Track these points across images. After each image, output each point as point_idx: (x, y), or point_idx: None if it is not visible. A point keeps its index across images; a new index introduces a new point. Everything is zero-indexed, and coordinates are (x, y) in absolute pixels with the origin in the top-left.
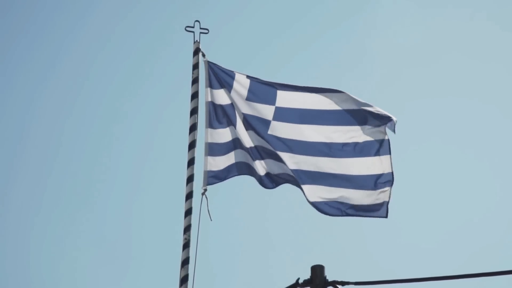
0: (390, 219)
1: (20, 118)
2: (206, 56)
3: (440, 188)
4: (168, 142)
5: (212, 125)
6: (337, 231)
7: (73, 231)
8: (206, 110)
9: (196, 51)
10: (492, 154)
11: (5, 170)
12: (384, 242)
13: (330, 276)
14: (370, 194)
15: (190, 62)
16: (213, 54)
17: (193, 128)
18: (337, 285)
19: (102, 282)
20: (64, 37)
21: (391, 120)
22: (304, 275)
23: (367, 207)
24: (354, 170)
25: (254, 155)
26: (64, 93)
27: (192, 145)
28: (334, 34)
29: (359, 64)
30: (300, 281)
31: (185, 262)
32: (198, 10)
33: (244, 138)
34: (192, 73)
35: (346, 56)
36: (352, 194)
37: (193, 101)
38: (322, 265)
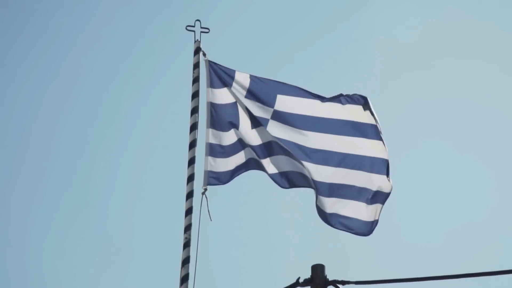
0: (390, 219)
1: (20, 118)
2: (206, 55)
3: (440, 188)
4: (168, 142)
5: (213, 125)
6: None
7: (73, 231)
8: (207, 110)
9: (196, 51)
10: (492, 154)
11: (5, 170)
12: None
13: (330, 275)
14: (365, 209)
15: (191, 61)
16: (213, 54)
17: (193, 127)
18: (337, 284)
19: (103, 281)
20: (64, 36)
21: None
22: (304, 274)
23: (356, 221)
24: (348, 181)
25: (262, 153)
26: (64, 93)
27: (192, 144)
28: (334, 34)
29: (359, 64)
30: (300, 280)
31: (185, 261)
32: (199, 9)
33: (248, 137)
34: (192, 72)
35: (346, 56)
36: (347, 204)
37: (193, 100)
38: (323, 264)
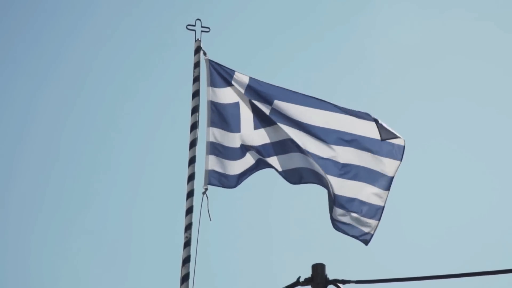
0: (391, 218)
1: (20, 118)
2: (207, 54)
3: (441, 187)
4: (169, 141)
5: (215, 124)
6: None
7: (73, 231)
8: (207, 109)
9: (197, 50)
10: (493, 154)
11: (5, 170)
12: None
13: (331, 274)
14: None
15: (191, 60)
16: (214, 53)
17: (194, 126)
18: (338, 283)
19: (103, 280)
20: (64, 36)
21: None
22: (305, 274)
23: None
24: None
25: (269, 152)
26: (64, 92)
27: (193, 143)
28: (335, 35)
29: (359, 64)
30: (301, 279)
31: (186, 261)
32: (199, 8)
33: (251, 138)
34: (193, 71)
35: (346, 56)
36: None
37: (194, 99)
38: (323, 263)
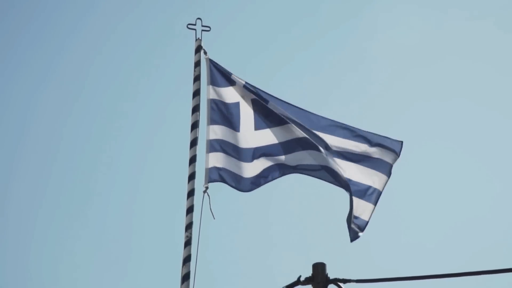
0: (391, 218)
1: (20, 118)
2: (207, 53)
3: (441, 187)
4: (169, 140)
5: (216, 122)
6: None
7: (73, 230)
8: (207, 107)
9: (197, 49)
10: (493, 154)
11: (5, 170)
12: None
13: (331, 273)
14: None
15: (192, 59)
16: (214, 52)
17: (195, 125)
18: (338, 282)
19: (104, 280)
20: (64, 36)
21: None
22: (305, 273)
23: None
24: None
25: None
26: (64, 92)
27: (194, 142)
28: (335, 35)
29: (360, 65)
30: (301, 278)
31: (186, 260)
32: (200, 7)
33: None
34: (193, 70)
35: (347, 56)
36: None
37: (195, 98)
38: (324, 262)
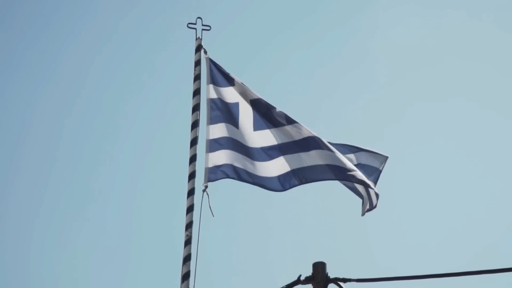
0: (391, 217)
1: (20, 117)
2: (208, 53)
3: (441, 187)
4: (170, 139)
5: (215, 121)
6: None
7: (73, 230)
8: (207, 107)
9: (198, 48)
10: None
11: (5, 170)
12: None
13: (331, 273)
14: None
15: (192, 59)
16: (215, 51)
17: (195, 124)
18: (338, 282)
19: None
20: (64, 36)
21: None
22: (305, 272)
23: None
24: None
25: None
26: (64, 92)
27: (194, 141)
28: (335, 35)
29: (361, 64)
30: (301, 278)
31: (186, 259)
32: (200, 7)
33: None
34: (194, 70)
35: (347, 56)
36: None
37: (195, 97)
38: (324, 262)
